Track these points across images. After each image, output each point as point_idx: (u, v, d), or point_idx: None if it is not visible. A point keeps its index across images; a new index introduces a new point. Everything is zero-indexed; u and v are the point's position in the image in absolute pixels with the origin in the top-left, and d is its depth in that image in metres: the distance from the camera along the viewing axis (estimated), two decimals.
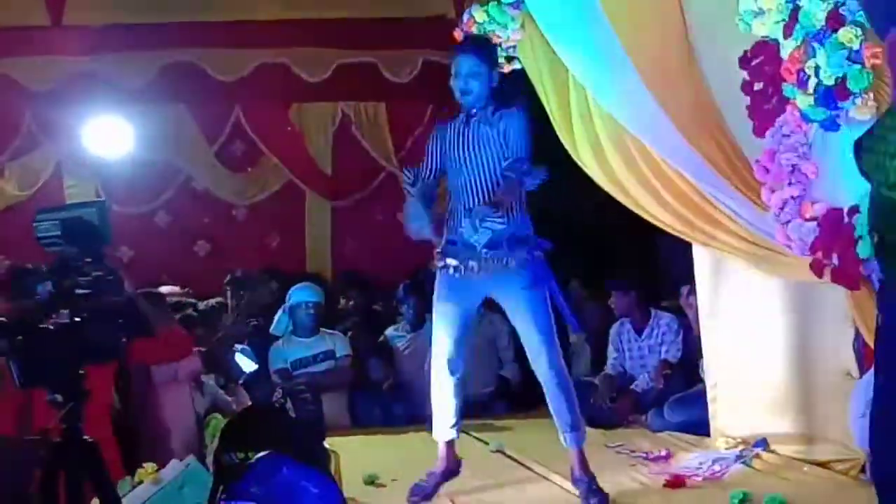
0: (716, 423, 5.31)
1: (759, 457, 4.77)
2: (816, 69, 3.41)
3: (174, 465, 4.14)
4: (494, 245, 4.10)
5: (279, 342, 6.77)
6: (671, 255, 6.58)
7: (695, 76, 4.11)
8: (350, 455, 4.88)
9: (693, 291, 5.64)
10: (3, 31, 7.97)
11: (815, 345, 4.52)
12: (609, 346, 6.36)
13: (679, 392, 5.86)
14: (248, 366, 6.52)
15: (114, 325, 2.89)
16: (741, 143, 4.01)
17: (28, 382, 2.86)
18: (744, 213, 4.12)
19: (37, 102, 8.30)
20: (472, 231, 3.94)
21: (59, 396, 2.83)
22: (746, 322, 5.08)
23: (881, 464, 2.46)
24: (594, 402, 5.96)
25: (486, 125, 4.20)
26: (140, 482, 4.07)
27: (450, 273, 4.23)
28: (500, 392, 6.84)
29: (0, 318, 3.91)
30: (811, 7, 3.41)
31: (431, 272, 4.64)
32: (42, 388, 2.88)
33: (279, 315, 6.94)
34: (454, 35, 5.30)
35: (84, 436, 2.88)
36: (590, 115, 4.85)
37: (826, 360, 4.40)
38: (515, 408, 6.61)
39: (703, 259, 5.28)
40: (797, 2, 3.45)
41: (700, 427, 5.40)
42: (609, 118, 4.71)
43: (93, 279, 2.91)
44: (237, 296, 7.17)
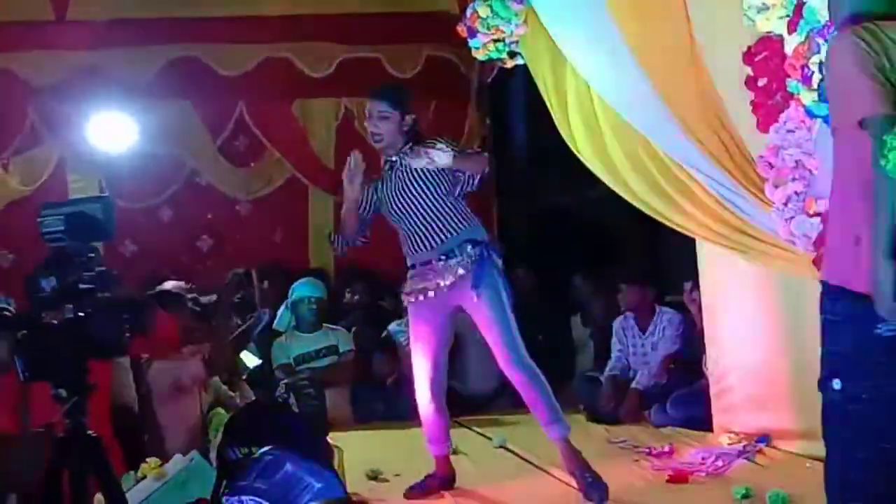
0: (718, 419, 5.31)
1: (763, 452, 4.77)
2: (820, 65, 3.40)
3: (178, 460, 4.15)
4: (448, 254, 4.25)
5: (282, 337, 6.78)
6: (674, 251, 6.58)
7: (698, 71, 4.11)
8: (353, 450, 4.89)
9: (696, 287, 5.64)
10: (8, 26, 7.96)
11: (818, 340, 4.50)
12: (613, 339, 6.33)
13: (682, 387, 5.85)
14: (252, 361, 6.54)
15: (117, 321, 2.89)
16: (745, 139, 4.00)
17: (32, 376, 2.87)
18: (747, 209, 4.12)
19: (40, 97, 8.29)
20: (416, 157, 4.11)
21: (64, 391, 2.84)
22: (749, 318, 5.07)
23: None
24: (601, 405, 5.95)
25: (409, 161, 4.26)
26: (144, 477, 4.08)
27: (416, 300, 4.35)
28: (503, 388, 6.82)
29: (5, 312, 3.92)
30: (815, 3, 3.40)
31: None
32: (46, 382, 2.88)
33: (281, 310, 6.95)
34: (458, 30, 5.30)
35: (88, 431, 2.88)
36: (592, 110, 4.84)
37: None
38: (518, 403, 6.57)
39: (707, 254, 5.27)
40: None
41: (703, 422, 5.40)
42: (612, 113, 4.71)
43: (96, 274, 2.91)
44: (260, 287, 7.25)
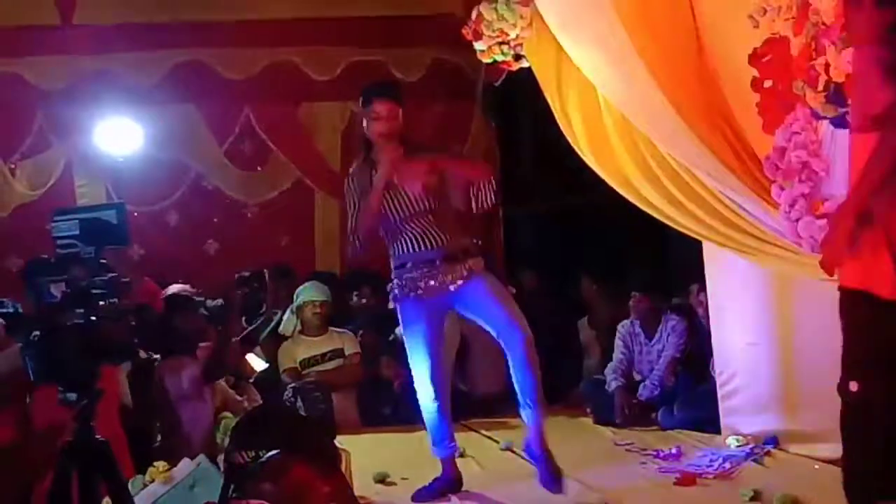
0: (726, 421, 5.30)
1: (770, 454, 4.76)
2: (826, 66, 3.40)
3: (185, 464, 4.15)
4: (451, 258, 4.28)
5: (288, 341, 6.78)
6: (681, 253, 6.57)
7: (704, 72, 4.11)
8: (360, 453, 4.89)
9: (703, 289, 5.64)
10: (14, 31, 7.97)
11: (825, 342, 4.48)
12: (617, 342, 6.31)
13: (689, 390, 5.85)
14: (259, 365, 6.54)
15: (127, 327, 2.90)
16: (751, 141, 4.00)
17: (42, 378, 2.88)
18: (753, 211, 4.11)
19: (47, 102, 8.30)
20: None
21: (74, 395, 2.84)
22: (756, 320, 5.07)
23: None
24: (617, 417, 5.94)
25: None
26: (152, 481, 4.08)
27: (409, 297, 4.34)
28: (510, 391, 6.82)
29: (17, 313, 3.93)
30: (821, 4, 3.40)
31: None
32: (55, 385, 2.89)
33: (287, 315, 6.95)
34: (463, 33, 5.30)
35: (97, 435, 2.89)
36: (598, 113, 4.85)
37: (836, 358, 4.37)
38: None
39: (713, 256, 5.27)
40: None
41: (710, 425, 5.40)
42: (618, 116, 4.71)
43: (108, 280, 2.92)
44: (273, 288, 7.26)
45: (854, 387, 2.34)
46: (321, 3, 8.49)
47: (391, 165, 4.27)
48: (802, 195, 3.69)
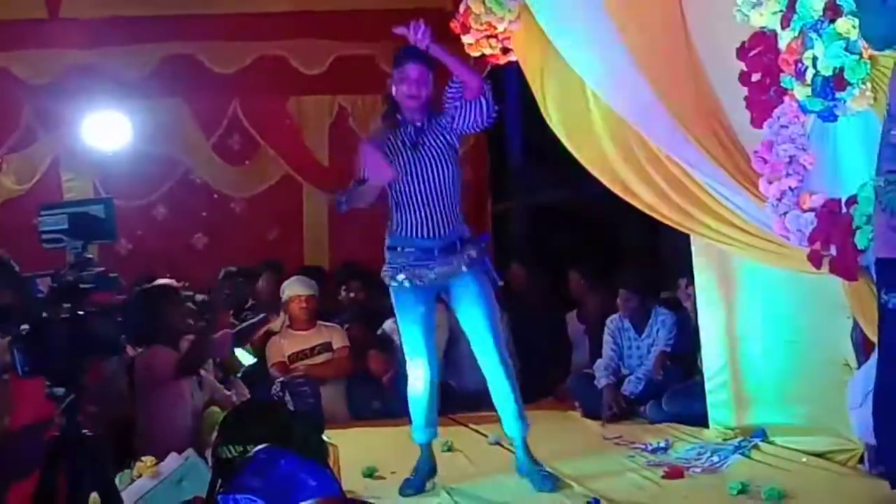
0: (714, 414, 5.32)
1: (758, 448, 4.77)
2: (814, 60, 3.41)
3: (173, 459, 4.14)
4: (449, 249, 4.29)
5: (276, 336, 6.77)
6: (670, 246, 6.58)
7: (693, 66, 4.11)
8: (349, 447, 4.87)
9: (691, 283, 5.64)
10: (1, 25, 7.94)
11: (814, 335, 4.52)
12: (606, 337, 6.29)
13: (677, 383, 5.86)
14: (247, 359, 6.53)
15: (114, 321, 2.89)
16: (739, 134, 4.00)
17: (31, 371, 2.86)
18: (741, 204, 4.12)
19: (34, 96, 8.27)
20: None
21: (61, 389, 2.83)
22: (744, 313, 5.08)
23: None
24: (604, 415, 5.94)
25: (435, 131, 4.35)
26: (139, 476, 4.07)
27: (405, 285, 4.34)
28: None
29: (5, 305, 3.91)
30: None
31: None
32: (43, 378, 2.88)
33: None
34: (451, 26, 5.29)
35: (83, 430, 2.88)
36: (585, 106, 4.84)
37: (824, 351, 4.41)
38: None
39: (702, 250, 5.27)
40: None
41: (698, 418, 5.41)
42: (606, 109, 4.70)
43: (96, 275, 2.91)
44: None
45: None
46: None
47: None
48: (790, 188, 3.69)
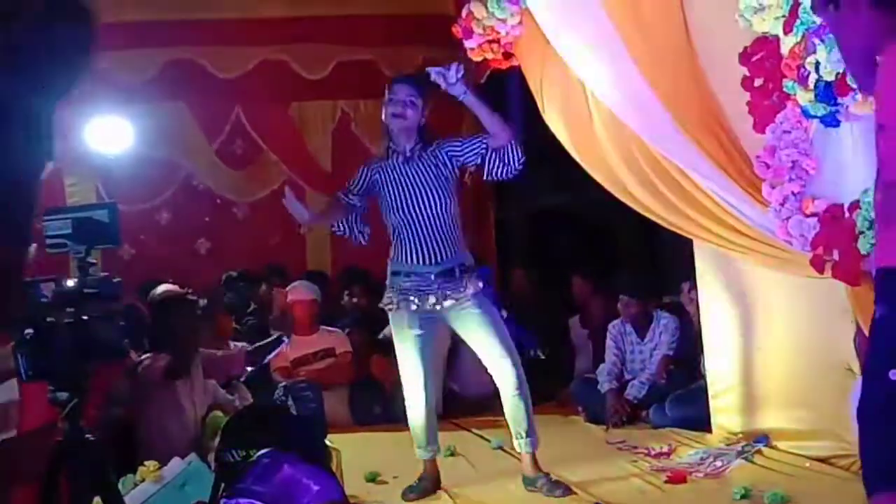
0: (717, 419, 5.32)
1: (761, 453, 4.77)
2: (817, 65, 3.41)
3: (176, 463, 4.14)
4: (448, 274, 4.29)
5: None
6: (672, 251, 6.58)
7: (695, 72, 4.11)
8: (351, 452, 4.89)
9: (694, 287, 5.64)
10: None
11: (816, 341, 4.51)
12: (608, 342, 6.29)
13: (680, 388, 5.85)
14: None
15: (117, 326, 2.90)
16: (741, 139, 4.01)
17: (34, 376, 2.86)
18: (744, 209, 4.12)
19: None
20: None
21: (65, 394, 2.83)
22: (747, 318, 5.08)
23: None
24: (609, 419, 5.94)
25: (428, 160, 4.35)
26: (142, 480, 4.07)
27: (401, 310, 4.36)
28: None
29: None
30: (810, 3, 3.40)
31: None
32: (47, 383, 2.88)
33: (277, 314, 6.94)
34: (453, 31, 5.30)
35: (86, 434, 2.88)
36: (587, 111, 4.85)
37: (827, 356, 4.40)
38: None
39: (704, 255, 5.28)
40: None
41: (701, 423, 5.41)
42: (607, 114, 4.71)
43: (99, 280, 2.91)
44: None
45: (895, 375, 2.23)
46: (312, 2, 8.50)
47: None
48: (793, 193, 3.70)
